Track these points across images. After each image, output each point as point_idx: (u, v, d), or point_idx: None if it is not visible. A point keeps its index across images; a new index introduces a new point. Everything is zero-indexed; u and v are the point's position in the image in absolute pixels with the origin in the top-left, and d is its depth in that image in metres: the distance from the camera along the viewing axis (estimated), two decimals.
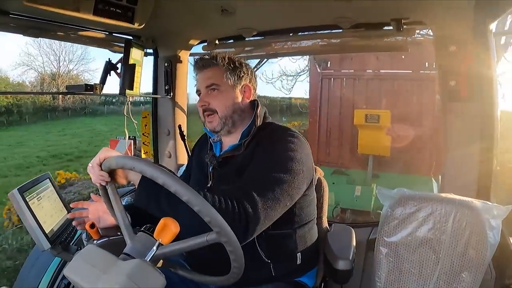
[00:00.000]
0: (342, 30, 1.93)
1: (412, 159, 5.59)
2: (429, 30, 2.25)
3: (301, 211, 1.35)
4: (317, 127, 6.39)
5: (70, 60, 28.93)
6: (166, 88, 2.37)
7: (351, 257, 1.44)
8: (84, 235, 1.38)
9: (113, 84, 1.83)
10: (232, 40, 2.27)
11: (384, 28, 1.86)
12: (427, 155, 5.49)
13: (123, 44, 1.84)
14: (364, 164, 5.73)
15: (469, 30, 1.61)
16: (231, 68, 1.40)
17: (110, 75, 1.83)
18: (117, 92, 1.85)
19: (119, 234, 1.33)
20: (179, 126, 2.41)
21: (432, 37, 1.89)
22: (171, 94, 2.39)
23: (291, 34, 2.14)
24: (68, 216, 1.40)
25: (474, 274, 1.43)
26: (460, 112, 1.72)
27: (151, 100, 2.54)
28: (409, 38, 1.91)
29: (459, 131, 1.74)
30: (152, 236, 0.87)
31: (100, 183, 1.03)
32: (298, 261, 1.36)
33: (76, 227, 1.41)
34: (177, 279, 1.24)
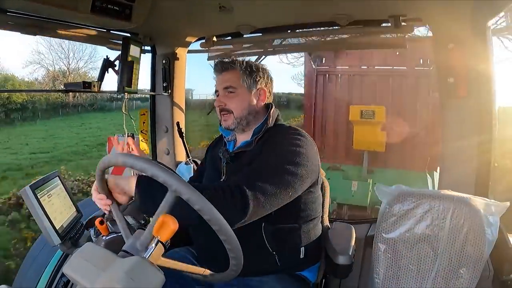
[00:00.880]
0: (340, 27, 1.93)
1: (407, 155, 5.62)
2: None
3: (306, 206, 1.41)
4: (312, 123, 6.40)
5: (80, 58, 29.04)
6: (164, 85, 2.37)
7: (350, 252, 1.46)
8: (92, 231, 1.41)
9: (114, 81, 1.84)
10: (230, 37, 2.27)
11: (382, 25, 1.86)
12: (422, 150, 5.49)
13: (121, 42, 1.84)
14: (360, 160, 5.75)
15: (467, 28, 1.61)
16: (248, 72, 1.48)
17: (108, 72, 1.82)
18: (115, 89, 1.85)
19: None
20: (177, 123, 2.41)
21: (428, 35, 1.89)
22: (169, 92, 2.38)
23: (289, 31, 2.13)
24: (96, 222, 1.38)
25: (472, 270, 1.44)
26: (458, 109, 1.73)
27: (149, 97, 2.53)
28: (407, 35, 1.91)
29: (457, 128, 1.74)
30: (151, 233, 0.87)
31: (106, 209, 1.08)
32: (301, 254, 1.40)
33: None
34: (177, 275, 1.24)
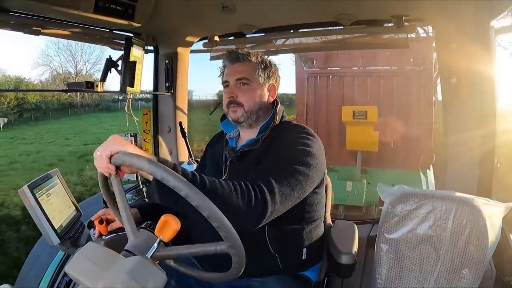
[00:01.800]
0: (342, 27, 1.93)
1: (400, 154, 5.60)
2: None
3: (311, 208, 1.38)
4: (304, 124, 6.28)
5: (87, 60, 30.05)
6: (167, 85, 2.37)
7: (353, 251, 1.45)
8: (92, 231, 1.39)
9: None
10: (232, 37, 2.27)
11: (385, 25, 1.86)
12: (414, 149, 5.50)
13: (123, 42, 1.84)
14: (353, 160, 5.73)
15: (470, 28, 1.61)
16: (263, 66, 1.44)
17: (110, 72, 1.83)
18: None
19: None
20: (180, 123, 2.41)
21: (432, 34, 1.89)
22: (172, 91, 2.39)
23: (291, 31, 2.14)
24: (92, 219, 1.37)
25: (474, 271, 1.44)
26: (461, 109, 1.72)
27: (152, 97, 2.54)
28: (410, 35, 1.91)
29: (460, 128, 1.74)
30: (153, 233, 0.87)
31: (104, 173, 0.97)
32: (303, 255, 1.38)
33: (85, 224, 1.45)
34: (179, 275, 1.25)
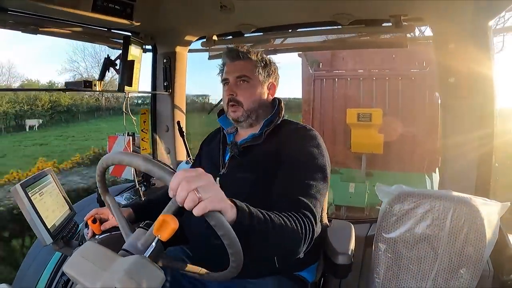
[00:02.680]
0: (341, 27, 1.93)
1: (406, 157, 5.60)
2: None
3: None
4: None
5: None
6: (165, 84, 2.37)
7: (350, 252, 1.45)
8: (85, 230, 1.39)
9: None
10: (231, 36, 2.27)
11: (383, 24, 1.86)
12: (420, 152, 5.49)
13: (121, 41, 1.84)
14: (358, 163, 5.74)
15: (468, 28, 1.61)
16: (263, 64, 1.44)
17: (109, 71, 1.82)
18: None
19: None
20: (178, 123, 2.41)
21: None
22: (170, 91, 2.38)
23: (290, 31, 2.14)
24: (85, 219, 1.39)
25: (472, 270, 1.44)
26: (459, 109, 1.72)
27: (150, 96, 2.54)
28: (408, 35, 1.91)
29: (458, 128, 1.74)
30: (151, 232, 0.87)
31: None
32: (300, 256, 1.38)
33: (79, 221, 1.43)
34: (177, 274, 1.25)
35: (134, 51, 1.87)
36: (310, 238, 1.12)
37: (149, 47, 2.34)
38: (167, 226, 0.82)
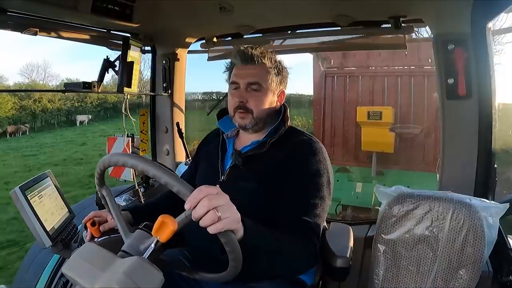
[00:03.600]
0: (340, 28, 1.93)
1: (417, 156, 5.54)
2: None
3: None
4: (321, 126, 6.33)
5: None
6: (164, 85, 2.37)
7: (348, 255, 1.44)
8: (84, 233, 1.38)
9: None
10: (230, 38, 2.27)
11: (382, 26, 1.87)
12: (431, 151, 5.44)
13: (121, 42, 1.84)
14: (369, 161, 5.70)
15: (467, 29, 1.61)
16: (276, 71, 1.38)
17: (108, 72, 1.82)
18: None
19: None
20: (177, 124, 2.41)
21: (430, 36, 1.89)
22: (169, 92, 2.38)
23: (289, 32, 2.14)
24: (83, 221, 1.38)
25: (471, 271, 1.44)
26: (458, 110, 1.73)
27: (149, 97, 2.54)
28: (407, 36, 1.91)
29: (457, 129, 1.74)
30: (150, 233, 0.87)
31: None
32: None
33: (78, 223, 1.43)
34: (176, 277, 1.24)
35: (134, 52, 1.87)
36: (313, 260, 1.18)
37: (148, 48, 2.34)
38: (166, 227, 0.82)
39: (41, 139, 19.32)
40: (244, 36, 2.18)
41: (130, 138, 2.14)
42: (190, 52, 2.47)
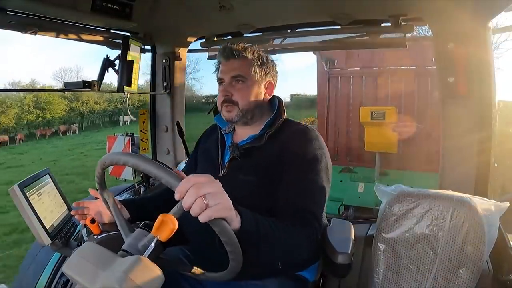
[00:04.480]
0: (340, 27, 1.93)
1: (421, 156, 5.49)
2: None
3: None
4: (325, 126, 6.34)
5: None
6: (164, 84, 2.37)
7: (350, 251, 1.44)
8: (84, 231, 1.38)
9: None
10: (230, 37, 2.27)
11: (382, 24, 1.86)
12: (436, 151, 5.39)
13: (121, 41, 1.84)
14: (373, 162, 5.64)
15: (467, 27, 1.61)
16: (259, 63, 1.40)
17: (108, 71, 1.82)
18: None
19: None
20: (177, 123, 2.41)
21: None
22: (169, 91, 2.38)
23: (289, 31, 2.14)
24: (72, 213, 1.40)
25: (471, 270, 1.44)
26: (458, 109, 1.72)
27: (149, 96, 2.54)
28: (407, 35, 1.91)
29: (457, 128, 1.74)
30: (150, 232, 0.87)
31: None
32: None
33: (78, 221, 1.42)
34: (176, 275, 1.24)
35: (134, 51, 1.87)
36: (314, 247, 1.17)
37: (148, 47, 2.34)
38: (166, 226, 0.82)
39: (96, 137, 20.75)
40: (244, 35, 2.18)
41: (130, 137, 2.14)
42: (190, 51, 2.47)
